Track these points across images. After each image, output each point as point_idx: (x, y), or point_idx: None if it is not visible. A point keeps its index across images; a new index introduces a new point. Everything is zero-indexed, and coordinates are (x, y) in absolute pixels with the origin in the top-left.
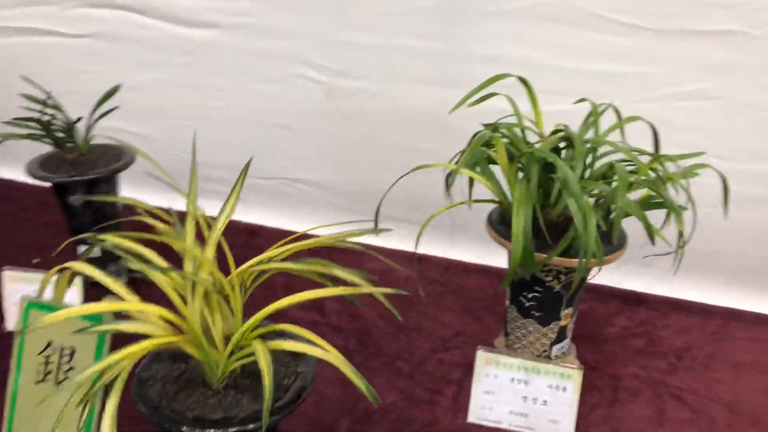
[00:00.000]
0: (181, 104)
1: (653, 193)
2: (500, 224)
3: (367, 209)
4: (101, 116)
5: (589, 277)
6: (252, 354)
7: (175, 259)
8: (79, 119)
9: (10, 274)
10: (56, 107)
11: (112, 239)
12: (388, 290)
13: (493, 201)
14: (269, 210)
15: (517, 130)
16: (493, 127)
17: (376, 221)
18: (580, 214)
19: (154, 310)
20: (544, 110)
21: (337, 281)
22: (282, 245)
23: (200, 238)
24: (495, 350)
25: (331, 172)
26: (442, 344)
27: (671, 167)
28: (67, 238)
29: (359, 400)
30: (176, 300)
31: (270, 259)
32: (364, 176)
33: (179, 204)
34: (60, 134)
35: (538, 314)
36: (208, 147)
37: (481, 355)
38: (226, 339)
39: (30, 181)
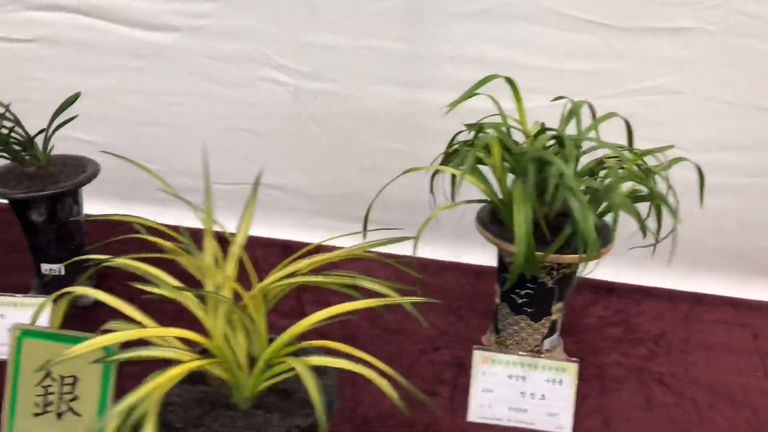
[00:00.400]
0: (138, 110)
1: (638, 188)
2: (492, 224)
3: (337, 212)
4: (60, 126)
5: (586, 272)
6: (283, 372)
7: (180, 277)
8: (41, 132)
9: None
10: (16, 120)
11: (124, 261)
12: (420, 299)
13: (484, 201)
14: (235, 216)
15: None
16: (478, 127)
17: (365, 226)
18: (582, 210)
19: (177, 332)
20: (511, 107)
21: (357, 291)
22: (295, 259)
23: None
24: (491, 348)
25: (300, 176)
26: (429, 345)
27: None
28: (27, 256)
29: (357, 406)
30: (207, 322)
31: (294, 273)
32: (334, 179)
33: (144, 214)
34: (17, 147)
35: (530, 310)
36: (169, 153)
37: (478, 354)
38: (250, 358)
39: None
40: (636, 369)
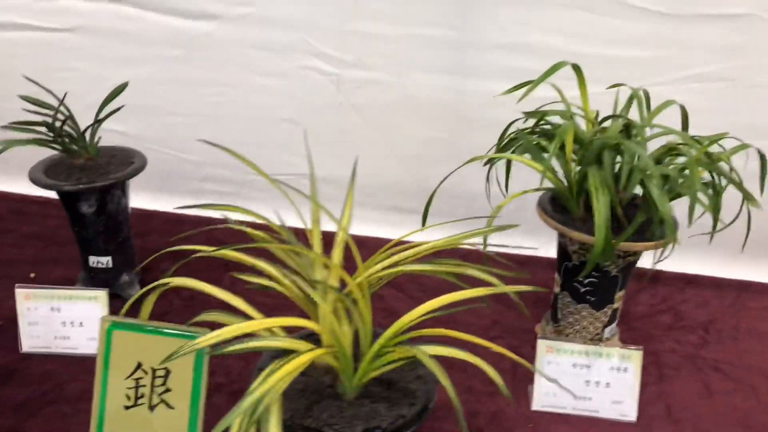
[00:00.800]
0: (175, 100)
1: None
2: (555, 212)
3: (378, 203)
4: (107, 116)
5: (660, 258)
6: (392, 362)
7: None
8: (95, 123)
9: (23, 292)
10: (69, 113)
11: (224, 251)
12: (527, 288)
13: (549, 189)
14: (272, 208)
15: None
16: (540, 115)
17: (425, 216)
18: (660, 196)
19: (293, 322)
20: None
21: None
22: (387, 250)
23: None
24: (555, 338)
25: (340, 167)
26: (484, 334)
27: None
28: (66, 249)
29: None
30: (314, 311)
31: (398, 263)
32: (374, 169)
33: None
34: (67, 139)
35: (593, 299)
36: (206, 145)
37: (542, 343)
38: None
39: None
40: (690, 356)
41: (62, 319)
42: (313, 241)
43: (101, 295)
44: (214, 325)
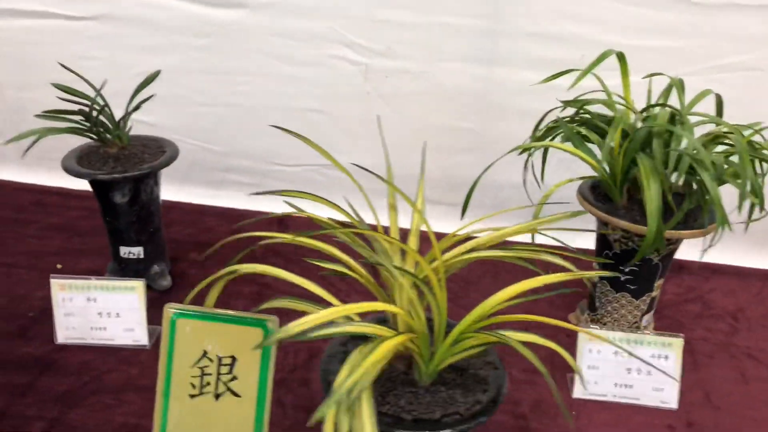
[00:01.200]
0: (200, 90)
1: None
2: (598, 201)
3: (405, 192)
4: (140, 105)
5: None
6: (467, 349)
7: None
8: (130, 112)
9: (59, 283)
10: (104, 102)
11: (293, 238)
12: (606, 273)
13: (591, 177)
14: (294, 198)
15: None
16: (581, 104)
17: (464, 208)
18: (712, 183)
19: (379, 306)
20: (590, 85)
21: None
22: (456, 242)
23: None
24: (596, 326)
25: (365, 156)
26: (519, 323)
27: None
28: (90, 240)
29: None
30: (392, 296)
31: (472, 249)
32: (402, 159)
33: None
34: (101, 128)
35: (633, 287)
36: (230, 135)
37: (583, 332)
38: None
39: (18, 179)
40: (723, 344)
41: (98, 310)
42: (391, 227)
43: (138, 285)
44: (279, 312)
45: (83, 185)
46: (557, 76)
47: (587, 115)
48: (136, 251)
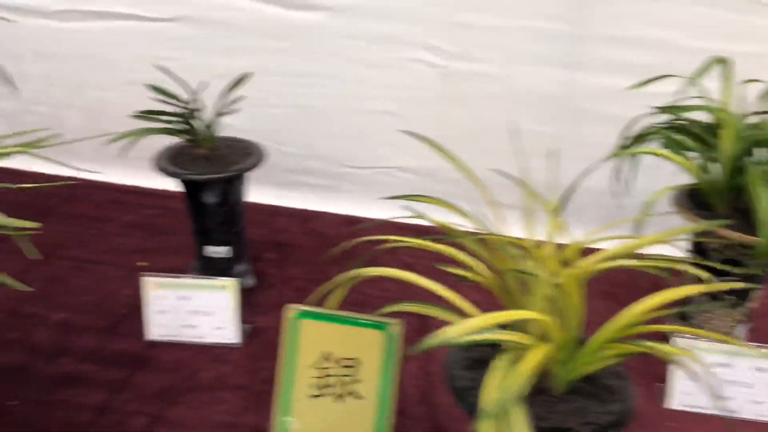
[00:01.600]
0: (276, 92)
1: None
2: (698, 208)
3: (474, 196)
4: (230, 107)
5: None
6: (606, 358)
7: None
8: (221, 114)
9: (151, 281)
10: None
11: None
12: (740, 285)
13: (691, 185)
14: (363, 200)
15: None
16: (676, 110)
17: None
18: None
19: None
20: (672, 90)
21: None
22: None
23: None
24: (691, 337)
25: (438, 159)
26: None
27: None
28: (169, 239)
29: None
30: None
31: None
32: (475, 162)
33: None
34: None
35: (730, 297)
36: (300, 137)
37: (678, 342)
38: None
39: (92, 177)
40: None
41: (190, 308)
42: (528, 232)
43: (231, 284)
44: (401, 315)
45: (157, 184)
46: (649, 81)
47: (684, 122)
48: (222, 250)
